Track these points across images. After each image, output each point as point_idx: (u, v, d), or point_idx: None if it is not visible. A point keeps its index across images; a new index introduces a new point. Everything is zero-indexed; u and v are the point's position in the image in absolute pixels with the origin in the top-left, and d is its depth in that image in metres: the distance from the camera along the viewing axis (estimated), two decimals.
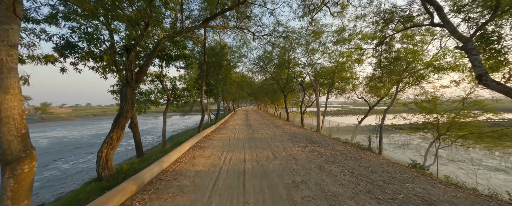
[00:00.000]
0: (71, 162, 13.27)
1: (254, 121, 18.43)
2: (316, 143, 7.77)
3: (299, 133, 10.50)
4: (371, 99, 14.30)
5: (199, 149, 6.65)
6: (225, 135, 10.15)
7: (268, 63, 18.43)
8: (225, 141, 8.47)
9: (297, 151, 6.47)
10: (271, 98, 32.02)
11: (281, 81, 21.24)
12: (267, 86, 25.84)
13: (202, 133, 8.85)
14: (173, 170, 4.54)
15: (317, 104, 12.75)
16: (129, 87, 4.42)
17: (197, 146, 7.20)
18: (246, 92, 35.58)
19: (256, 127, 13.36)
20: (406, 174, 4.28)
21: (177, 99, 13.44)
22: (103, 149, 3.82)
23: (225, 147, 7.18)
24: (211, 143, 7.94)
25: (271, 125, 14.89)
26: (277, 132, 11.11)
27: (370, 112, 13.87)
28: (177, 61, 9.85)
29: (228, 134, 10.51)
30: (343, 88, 15.53)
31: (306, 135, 9.81)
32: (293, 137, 9.23)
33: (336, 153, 6.15)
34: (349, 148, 6.97)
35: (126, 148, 17.51)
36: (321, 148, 6.87)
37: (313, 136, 9.68)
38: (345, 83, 14.85)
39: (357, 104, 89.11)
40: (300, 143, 7.89)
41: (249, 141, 8.47)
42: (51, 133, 32.05)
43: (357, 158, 5.51)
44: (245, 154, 6.15)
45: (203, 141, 8.23)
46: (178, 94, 13.11)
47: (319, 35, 13.45)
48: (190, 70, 18.26)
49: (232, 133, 10.91)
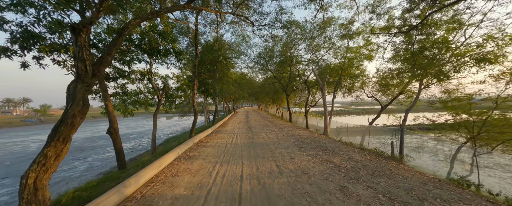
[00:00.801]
0: None
1: (254, 122, 17.21)
2: (328, 150, 6.53)
3: (305, 137, 9.27)
4: (382, 98, 13.03)
5: (186, 161, 5.43)
6: (221, 140, 8.93)
7: (269, 61, 17.21)
8: (221, 147, 7.25)
9: (307, 162, 5.24)
10: (272, 99, 30.80)
11: (283, 80, 20.02)
12: (268, 86, 24.62)
13: (193, 138, 7.62)
14: (142, 197, 3.32)
15: (324, 104, 11.50)
16: (80, 83, 3.21)
17: (184, 156, 5.97)
18: (246, 92, 34.37)
19: (256, 130, 12.14)
20: (467, 199, 3.04)
21: (170, 100, 12.24)
22: (31, 172, 2.61)
23: (219, 156, 5.96)
24: (203, 151, 6.72)
25: (273, 127, 13.66)
26: (281, 135, 9.88)
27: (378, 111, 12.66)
28: (166, 56, 8.66)
29: (225, 138, 9.30)
30: (351, 87, 14.27)
31: (313, 139, 8.57)
32: (299, 142, 8.00)
33: (356, 165, 4.91)
34: (369, 157, 5.73)
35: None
36: (335, 157, 5.63)
37: (322, 140, 8.44)
38: (353, 81, 13.59)
39: (360, 103, 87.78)
40: (308, 150, 6.66)
41: (248, 147, 7.25)
42: (44, 136, 30.95)
43: (387, 173, 4.26)
44: (242, 167, 4.93)
45: (193, 149, 7.00)
46: (171, 94, 11.90)
47: (329, 23, 12.21)
48: (187, 69, 17.11)
49: (230, 137, 9.69)
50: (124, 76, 9.12)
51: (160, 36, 7.83)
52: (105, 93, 6.99)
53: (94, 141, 23.56)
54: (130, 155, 15.89)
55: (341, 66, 13.26)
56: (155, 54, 8.49)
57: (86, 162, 13.62)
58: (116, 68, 8.79)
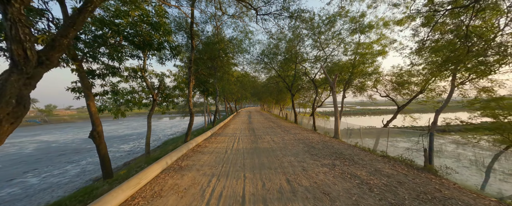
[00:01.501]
0: (43, 175, 11.34)
1: (258, 123, 16.21)
2: (346, 159, 5.49)
3: (315, 141, 8.23)
4: (398, 98, 11.89)
5: (175, 173, 4.46)
6: (221, 144, 7.97)
7: (273, 59, 16.20)
8: (219, 154, 6.28)
9: (324, 176, 4.22)
10: (276, 99, 29.78)
11: (287, 78, 18.99)
12: (272, 85, 23.59)
13: (189, 143, 6.66)
14: None
15: (335, 104, 10.44)
16: (16, 73, 2.28)
17: (175, 166, 5.00)
18: (249, 92, 33.44)
19: (260, 132, 11.14)
20: None
21: (166, 100, 11.33)
22: None
23: (217, 167, 4.98)
24: (198, 159, 5.75)
25: (278, 128, 12.65)
26: (287, 139, 8.86)
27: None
28: (159, 51, 7.75)
29: (225, 142, 8.33)
30: (363, 85, 13.16)
31: (325, 144, 7.53)
32: (310, 148, 6.98)
33: (390, 181, 3.87)
34: (400, 169, 4.69)
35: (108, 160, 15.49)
36: (358, 169, 4.59)
37: (335, 145, 7.40)
38: (365, 79, 12.47)
39: (365, 103, 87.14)
40: (322, 158, 5.63)
41: (251, 154, 6.26)
42: (44, 136, 30.59)
43: (437, 196, 3.22)
44: (244, 182, 3.94)
45: (187, 156, 6.04)
46: (167, 93, 10.99)
47: (345, 13, 11.18)
48: (186, 66, 16.18)
49: (231, 140, 8.72)
50: (114, 73, 8.23)
51: (152, 27, 6.91)
52: (87, 92, 6.08)
53: (91, 142, 22.86)
54: (126, 158, 15.08)
55: (353, 63, 12.17)
56: (147, 48, 7.58)
57: (79, 166, 12.84)
58: (105, 64, 7.91)
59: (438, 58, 6.46)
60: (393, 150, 9.02)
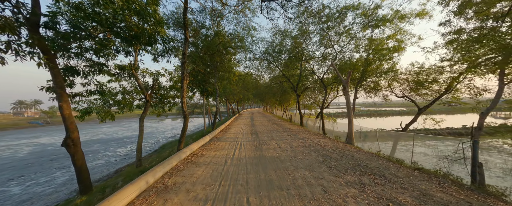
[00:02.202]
0: (28, 183, 10.43)
1: (261, 126, 15.14)
2: (375, 175, 4.38)
3: (328, 148, 7.12)
4: (417, 98, 10.70)
5: (157, 198, 3.40)
6: (220, 151, 6.91)
7: (277, 57, 15.14)
8: (217, 166, 5.22)
9: (355, 203, 3.13)
10: (279, 100, 28.67)
11: (292, 78, 17.91)
12: (276, 85, 22.51)
13: (181, 153, 5.60)
14: None
15: (348, 105, 9.32)
16: None
17: (159, 186, 3.93)
18: (251, 93, 32.41)
19: (264, 136, 10.07)
20: None
21: (162, 101, 10.35)
22: None
23: (213, 186, 3.93)
24: (190, 174, 4.70)
25: (283, 132, 11.56)
26: (296, 145, 7.77)
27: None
28: (150, 45, 6.77)
29: (225, 149, 7.28)
30: (376, 85, 12.00)
31: (342, 153, 6.42)
32: (325, 157, 5.88)
33: None
34: (450, 189, 3.57)
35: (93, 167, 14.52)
36: (399, 192, 3.49)
37: (355, 154, 6.28)
38: (380, 78, 11.31)
39: (370, 104, 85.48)
40: (344, 172, 4.53)
41: (256, 165, 5.20)
42: (43, 138, 29.97)
43: None
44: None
45: (177, 170, 4.99)
46: (162, 94, 10.01)
47: (357, 5, 10.12)
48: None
49: (232, 147, 7.67)
50: (100, 71, 7.28)
51: (139, 16, 5.93)
52: (60, 91, 5.11)
53: (89, 145, 22.08)
54: (121, 163, 14.12)
55: (366, 61, 11.02)
56: (135, 42, 6.59)
57: (69, 173, 11.92)
58: (90, 60, 6.96)
59: (480, 50, 5.35)
60: (422, 158, 7.85)
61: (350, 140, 8.90)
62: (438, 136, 8.61)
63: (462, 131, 22.18)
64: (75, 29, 5.73)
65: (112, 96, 8.22)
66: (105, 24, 5.74)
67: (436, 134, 20.34)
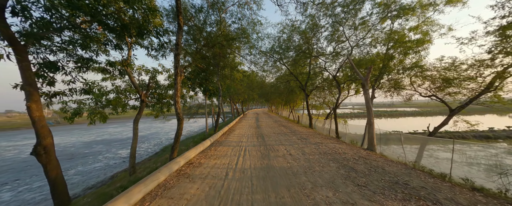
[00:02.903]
0: (20, 188, 9.83)
1: (267, 128, 14.09)
2: (428, 200, 3.26)
3: (349, 157, 6.00)
4: (446, 98, 9.36)
5: None
6: (220, 160, 5.93)
7: (284, 53, 14.05)
8: (215, 182, 4.23)
9: None
10: (286, 100, 27.52)
11: (301, 76, 16.78)
12: (283, 84, 21.37)
13: (172, 163, 4.63)
14: None
15: (368, 105, 8.13)
16: None
17: None
18: (256, 92, 31.42)
19: (272, 141, 9.02)
20: None
21: (160, 101, 9.52)
22: None
23: None
24: (181, 193, 3.73)
25: (292, 135, 10.47)
26: (309, 151, 6.68)
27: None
28: (141, 36, 5.90)
29: (227, 157, 6.30)
30: (396, 83, 10.69)
31: (368, 163, 5.29)
32: (349, 170, 4.77)
33: None
34: None
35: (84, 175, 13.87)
36: None
37: (385, 166, 5.13)
38: (403, 75, 10.01)
39: (378, 105, 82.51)
40: (381, 194, 3.43)
41: (263, 181, 4.17)
42: None
43: None
44: None
45: (165, 188, 4.02)
46: (159, 93, 9.17)
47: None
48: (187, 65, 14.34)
49: (235, 153, 6.68)
50: (87, 67, 6.48)
51: (124, 1, 5.04)
52: (30, 89, 4.29)
53: (91, 146, 21.74)
54: (120, 167, 13.45)
55: (387, 55, 9.76)
56: (123, 32, 5.73)
57: (67, 176, 11.27)
58: (74, 55, 6.16)
59: None
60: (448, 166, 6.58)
61: (372, 145, 7.71)
62: (481, 141, 7.29)
63: (489, 134, 20.21)
64: (51, 17, 4.90)
65: (102, 96, 7.41)
66: (87, 11, 4.88)
67: (460, 137, 18.59)
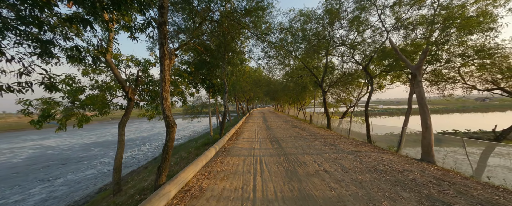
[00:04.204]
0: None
1: (279, 130, 12.27)
2: None
3: (416, 176, 4.12)
4: None
5: None
6: (229, 182, 4.16)
7: (300, 42, 12.11)
8: None
9: None
10: (298, 97, 25.52)
11: (316, 71, 14.86)
12: (294, 81, 19.39)
13: (155, 198, 2.87)
14: None
15: (421, 102, 6.18)
16: None
17: None
18: (262, 90, 29.61)
19: (291, 148, 7.19)
20: None
21: (154, 99, 7.83)
22: None
23: None
24: None
25: (314, 140, 8.62)
26: (349, 166, 4.82)
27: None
28: (118, 6, 4.20)
29: (238, 175, 4.52)
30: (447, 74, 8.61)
31: (458, 191, 3.40)
32: (432, 201, 2.90)
33: None
34: None
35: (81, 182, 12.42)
36: None
37: (486, 194, 3.23)
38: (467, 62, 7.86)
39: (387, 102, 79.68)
40: None
41: None
42: (49, 140, 29.19)
43: None
44: None
45: None
46: (152, 90, 7.48)
47: None
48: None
49: (248, 170, 4.89)
50: (47, 53, 4.80)
51: None
52: None
53: (89, 149, 20.49)
54: (109, 177, 11.92)
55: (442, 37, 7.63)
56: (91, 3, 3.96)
57: (49, 188, 9.89)
58: (35, 39, 4.47)
59: None
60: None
61: (428, 155, 5.78)
62: None
63: None
64: None
65: (78, 93, 5.75)
66: None
67: (472, 137, 16.20)
